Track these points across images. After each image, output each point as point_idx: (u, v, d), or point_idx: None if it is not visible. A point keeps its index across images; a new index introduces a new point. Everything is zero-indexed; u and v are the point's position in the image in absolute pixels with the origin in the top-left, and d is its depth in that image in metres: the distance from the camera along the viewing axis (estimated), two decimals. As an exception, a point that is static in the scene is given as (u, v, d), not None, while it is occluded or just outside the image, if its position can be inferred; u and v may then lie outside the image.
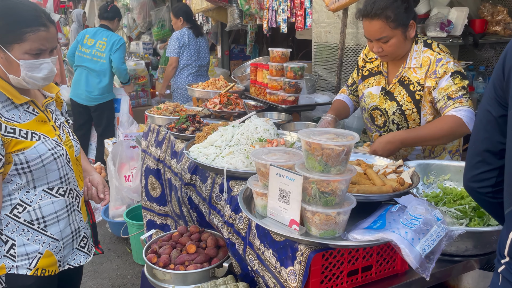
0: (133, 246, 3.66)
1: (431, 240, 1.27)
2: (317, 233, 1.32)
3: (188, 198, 2.28)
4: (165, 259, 1.96)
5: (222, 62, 7.28)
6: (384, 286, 1.41)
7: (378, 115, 2.31)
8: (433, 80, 2.06)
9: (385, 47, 2.08)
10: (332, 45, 3.70)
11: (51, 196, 1.67)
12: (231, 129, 2.09)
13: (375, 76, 2.32)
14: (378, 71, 2.31)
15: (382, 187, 1.48)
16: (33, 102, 1.68)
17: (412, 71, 2.15)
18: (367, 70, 2.38)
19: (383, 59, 2.23)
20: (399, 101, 2.19)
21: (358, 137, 1.32)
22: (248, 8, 4.75)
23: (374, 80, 2.31)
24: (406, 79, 2.17)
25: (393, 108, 2.21)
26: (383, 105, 2.25)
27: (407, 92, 2.16)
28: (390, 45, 2.06)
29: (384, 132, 2.31)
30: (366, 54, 2.40)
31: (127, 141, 4.17)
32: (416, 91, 2.14)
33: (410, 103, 2.16)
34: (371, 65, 2.36)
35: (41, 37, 1.55)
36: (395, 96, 2.20)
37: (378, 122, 2.33)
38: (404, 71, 2.17)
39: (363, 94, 2.37)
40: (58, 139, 1.70)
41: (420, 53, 2.13)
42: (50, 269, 1.67)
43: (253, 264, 1.61)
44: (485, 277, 1.52)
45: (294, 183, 1.28)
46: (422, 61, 2.12)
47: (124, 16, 10.04)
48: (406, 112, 2.18)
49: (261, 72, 3.19)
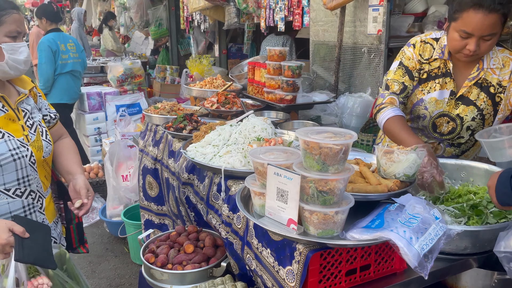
0: (131, 246, 3.66)
1: (429, 239, 1.27)
2: (315, 233, 1.32)
3: (186, 198, 2.27)
4: (162, 259, 1.96)
5: (219, 61, 7.27)
6: (383, 285, 1.40)
7: (444, 122, 2.07)
8: None
9: (484, 46, 1.83)
10: (329, 44, 3.70)
11: (7, 197, 1.63)
12: (229, 128, 2.08)
13: (437, 79, 2.04)
14: (441, 73, 2.03)
15: (377, 186, 1.48)
16: (3, 99, 1.65)
17: (490, 72, 1.98)
18: (424, 72, 2.06)
19: (468, 58, 1.92)
20: (479, 106, 2.00)
21: (356, 136, 1.32)
22: (246, 7, 4.75)
23: (437, 84, 2.04)
24: (484, 81, 1.99)
25: (473, 114, 2.01)
26: (455, 111, 2.03)
27: (487, 95, 1.99)
28: (490, 44, 1.83)
29: (447, 140, 2.11)
30: (421, 54, 2.06)
31: (124, 141, 4.16)
32: (496, 94, 1.98)
33: (490, 107, 2.00)
34: (429, 67, 2.05)
35: (16, 19, 1.61)
36: (473, 100, 2.00)
37: (442, 129, 2.09)
38: (482, 72, 1.98)
39: (421, 100, 2.08)
40: (24, 140, 1.66)
41: (496, 52, 1.97)
42: None
43: (251, 263, 1.60)
44: (484, 275, 1.52)
45: (292, 182, 1.28)
46: (503, 61, 1.97)
47: (121, 15, 10.02)
48: (486, 116, 2.01)
49: (258, 71, 3.19)
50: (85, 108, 5.62)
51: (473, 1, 1.76)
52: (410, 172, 1.53)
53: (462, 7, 1.80)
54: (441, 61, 2.03)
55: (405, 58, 2.09)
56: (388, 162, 1.55)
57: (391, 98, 2.05)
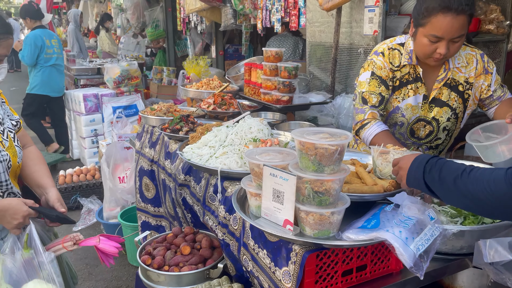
0: (128, 247, 3.64)
1: (425, 239, 1.27)
2: (311, 233, 1.32)
3: (182, 199, 2.27)
4: (159, 261, 1.95)
5: (216, 62, 7.27)
6: (379, 285, 1.40)
7: (421, 126, 2.10)
8: (487, 75, 2.02)
9: (453, 48, 1.85)
10: (326, 45, 3.70)
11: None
12: (225, 129, 2.08)
13: (409, 84, 2.05)
14: (412, 79, 2.04)
15: (373, 187, 1.48)
16: None
17: (457, 71, 2.03)
18: (397, 79, 2.06)
19: (437, 62, 1.93)
20: (452, 106, 2.04)
21: (351, 136, 1.32)
22: (242, 8, 4.75)
23: (409, 90, 2.05)
24: (452, 81, 2.03)
25: (447, 114, 2.05)
26: (430, 114, 2.06)
27: (457, 94, 2.03)
28: (458, 46, 1.86)
29: (425, 144, 2.15)
30: (391, 62, 2.05)
31: (121, 142, 4.15)
32: (465, 91, 2.03)
33: (461, 105, 2.05)
34: (400, 73, 2.05)
35: (9, 44, 1.72)
36: (445, 101, 2.04)
37: (419, 134, 2.12)
38: (449, 73, 2.02)
39: (397, 107, 2.08)
40: (0, 145, 1.67)
41: (459, 51, 2.02)
42: None
43: (248, 264, 1.60)
44: (480, 275, 1.52)
45: (288, 183, 1.28)
46: (466, 59, 2.01)
47: (118, 17, 10.01)
48: (459, 114, 2.06)
49: (255, 72, 3.19)
50: (81, 109, 5.60)
51: (441, 5, 1.76)
52: (405, 172, 1.53)
53: (430, 12, 1.80)
54: (410, 67, 2.04)
55: (376, 68, 2.05)
56: (384, 163, 1.56)
57: (372, 113, 2.02)
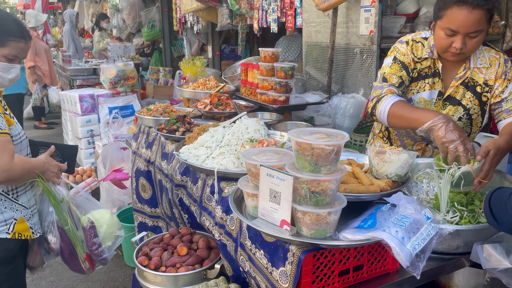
0: (124, 248, 3.64)
1: (421, 238, 1.27)
2: (308, 233, 1.32)
3: (179, 200, 2.27)
4: (156, 262, 1.95)
5: (213, 62, 7.26)
6: (376, 285, 1.40)
7: None
8: (504, 81, 1.94)
9: (470, 43, 1.80)
10: (322, 45, 3.71)
11: None
12: (222, 130, 2.08)
13: (427, 78, 2.01)
14: (431, 73, 2.00)
15: (370, 187, 1.48)
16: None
17: (477, 71, 1.97)
18: (416, 71, 2.03)
19: (455, 57, 1.89)
20: (465, 105, 1.98)
21: (348, 136, 1.32)
22: (238, 8, 4.75)
23: (426, 84, 2.01)
24: (470, 81, 1.98)
25: (459, 114, 1.99)
26: (443, 111, 2.00)
27: (473, 95, 1.97)
28: (477, 41, 1.81)
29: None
30: (414, 53, 2.02)
31: (117, 143, 4.14)
32: (483, 93, 1.97)
33: (477, 106, 1.98)
34: (420, 66, 2.02)
35: (20, 48, 1.90)
36: (459, 100, 1.99)
37: None
38: (468, 72, 1.97)
39: (410, 99, 2.04)
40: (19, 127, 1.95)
41: (483, 52, 1.97)
42: (25, 234, 1.88)
43: (245, 265, 1.60)
44: (476, 274, 1.53)
45: (285, 183, 1.28)
46: (489, 60, 1.96)
47: (114, 17, 9.98)
48: (473, 116, 2.00)
49: (251, 72, 3.19)
50: (77, 110, 5.58)
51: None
52: (402, 172, 1.54)
53: (446, 5, 1.78)
54: (431, 61, 2.01)
55: (399, 53, 2.03)
56: (380, 163, 1.56)
57: (390, 89, 1.96)
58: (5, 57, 1.87)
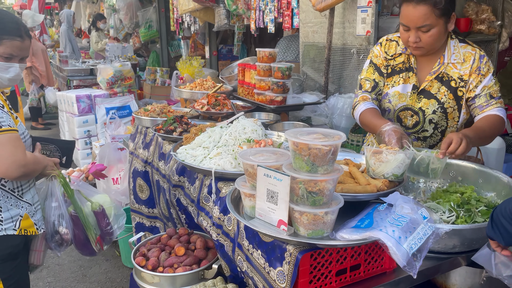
0: (122, 249, 3.63)
1: (418, 238, 1.28)
2: (305, 233, 1.32)
3: (177, 200, 2.27)
4: (153, 262, 1.95)
5: (210, 62, 7.27)
6: (373, 284, 1.41)
7: (408, 115, 2.13)
8: (478, 76, 2.01)
9: (424, 38, 1.92)
10: (319, 45, 3.71)
11: None
12: (219, 130, 2.08)
13: (401, 73, 2.12)
14: (405, 68, 2.12)
15: (367, 187, 1.49)
16: None
17: (452, 67, 2.04)
18: (390, 68, 2.16)
19: (416, 51, 2.02)
20: (440, 99, 2.06)
21: (345, 136, 1.33)
22: (235, 9, 4.75)
23: (400, 78, 2.12)
24: (445, 75, 2.05)
25: (433, 107, 2.07)
26: (417, 104, 2.10)
27: (448, 89, 2.04)
28: (430, 36, 1.91)
29: (413, 134, 2.15)
30: (386, 52, 2.17)
31: (114, 143, 4.13)
32: (458, 88, 2.04)
33: (452, 100, 2.05)
34: (394, 62, 2.15)
35: (15, 45, 1.85)
36: (434, 94, 2.07)
37: (407, 123, 2.15)
38: (442, 67, 2.05)
39: (386, 94, 2.16)
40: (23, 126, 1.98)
41: (458, 48, 2.04)
42: (30, 230, 1.91)
43: (242, 265, 1.60)
44: (472, 273, 1.53)
45: (282, 183, 1.28)
46: (464, 56, 2.03)
47: (111, 17, 9.97)
48: (448, 110, 2.07)
49: (248, 72, 3.19)
50: (74, 111, 5.57)
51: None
52: (398, 172, 1.54)
53: (401, 2, 1.95)
54: (405, 56, 2.13)
55: (373, 56, 2.21)
56: (377, 162, 1.57)
57: (363, 96, 2.17)
58: (1, 56, 1.85)
